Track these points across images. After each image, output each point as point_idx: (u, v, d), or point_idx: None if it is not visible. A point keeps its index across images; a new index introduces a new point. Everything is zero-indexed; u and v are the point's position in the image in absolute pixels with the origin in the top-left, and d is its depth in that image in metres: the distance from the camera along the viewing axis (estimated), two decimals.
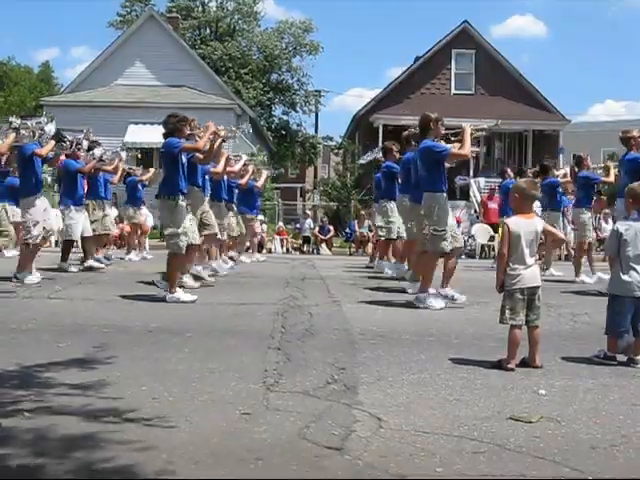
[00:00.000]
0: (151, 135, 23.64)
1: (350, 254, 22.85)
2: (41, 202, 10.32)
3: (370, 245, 23.49)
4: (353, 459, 3.36)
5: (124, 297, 8.85)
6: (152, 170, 16.64)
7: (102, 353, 5.57)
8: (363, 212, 25.56)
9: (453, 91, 33.00)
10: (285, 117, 48.62)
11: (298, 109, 47.97)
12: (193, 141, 9.49)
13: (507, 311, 5.44)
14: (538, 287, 5.52)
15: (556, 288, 10.58)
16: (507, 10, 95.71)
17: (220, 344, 6.11)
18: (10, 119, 10.09)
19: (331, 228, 24.79)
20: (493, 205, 20.22)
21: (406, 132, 11.64)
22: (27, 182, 10.26)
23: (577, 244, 12.49)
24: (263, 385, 4.69)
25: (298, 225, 25.70)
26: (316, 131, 49.03)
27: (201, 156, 9.68)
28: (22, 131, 9.93)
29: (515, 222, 5.56)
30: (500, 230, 5.90)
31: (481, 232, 21.68)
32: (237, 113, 31.64)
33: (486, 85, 32.63)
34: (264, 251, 22.89)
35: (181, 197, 8.85)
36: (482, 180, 29.01)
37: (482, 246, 21.83)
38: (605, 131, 37.24)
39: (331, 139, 50.03)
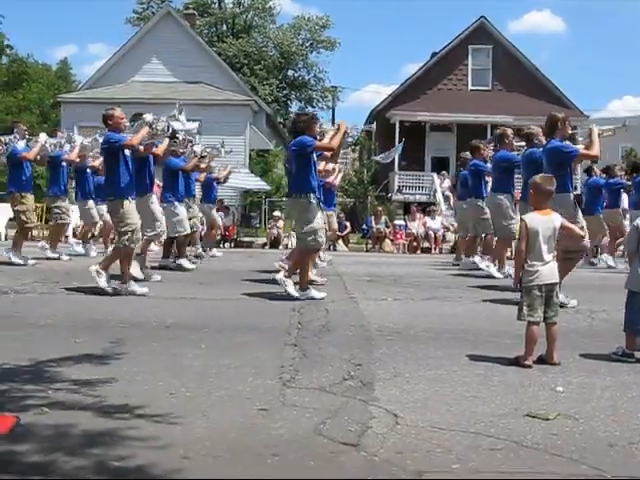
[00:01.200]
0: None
1: (367, 250, 22.81)
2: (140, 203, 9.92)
3: (387, 242, 23.51)
4: (369, 455, 3.36)
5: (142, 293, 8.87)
6: (229, 168, 16.63)
7: (119, 348, 5.60)
8: (380, 208, 25.53)
9: (470, 87, 32.91)
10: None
11: (315, 105, 47.96)
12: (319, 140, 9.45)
13: (525, 308, 5.41)
14: (556, 284, 5.49)
15: (574, 284, 10.50)
16: (524, 6, 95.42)
17: (237, 340, 6.12)
18: (144, 115, 9.85)
19: (348, 224, 24.74)
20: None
21: (503, 130, 11.63)
22: (142, 181, 10.08)
23: None
24: (280, 381, 4.70)
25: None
26: (333, 127, 48.94)
27: (329, 154, 9.74)
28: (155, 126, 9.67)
29: (532, 218, 5.54)
30: (517, 227, 5.86)
31: None
32: (254, 109, 31.69)
33: (503, 81, 32.50)
34: (281, 247, 22.91)
35: (312, 195, 8.78)
36: None
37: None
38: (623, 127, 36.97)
39: (348, 135, 49.98)
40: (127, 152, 9.01)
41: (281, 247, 22.87)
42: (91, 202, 14.55)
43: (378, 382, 4.74)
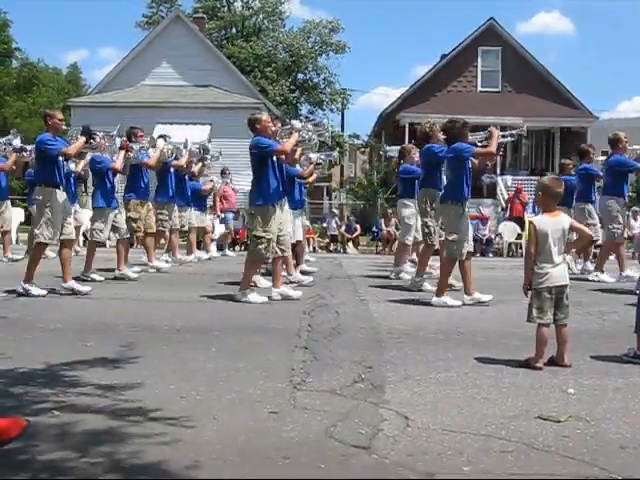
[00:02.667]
0: (178, 135, 23.73)
1: (377, 253, 22.80)
2: None
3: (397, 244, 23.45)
4: (380, 458, 3.36)
5: (151, 296, 8.90)
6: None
7: (129, 352, 5.61)
8: (390, 211, 25.48)
9: (479, 89, 32.83)
10: (311, 116, 48.63)
11: (325, 107, 47.98)
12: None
13: (535, 310, 5.40)
14: (566, 286, 5.47)
15: (584, 286, 10.49)
16: (533, 7, 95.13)
17: (247, 343, 6.13)
18: (293, 121, 9.82)
19: (358, 227, 24.73)
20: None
21: (616, 134, 11.62)
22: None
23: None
24: (290, 384, 4.70)
25: (325, 224, 25.66)
26: (342, 129, 48.98)
27: (489, 163, 9.97)
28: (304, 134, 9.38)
29: (541, 220, 5.53)
30: (527, 229, 5.86)
31: (508, 230, 21.60)
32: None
33: (513, 82, 32.42)
34: (232, 249, 22.85)
35: (466, 204, 8.82)
36: (509, 178, 28.85)
37: (509, 244, 21.71)
38: (633, 127, 36.87)
39: (357, 137, 50.00)
40: (275, 158, 8.85)
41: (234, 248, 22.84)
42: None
43: (389, 384, 4.74)
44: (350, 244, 23.85)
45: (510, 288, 10.18)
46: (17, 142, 12.05)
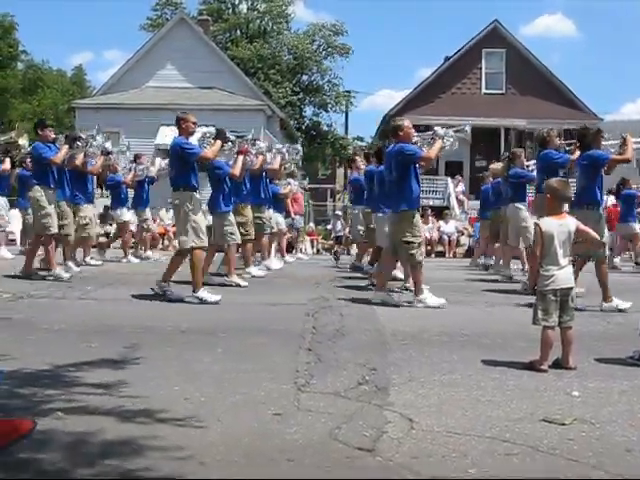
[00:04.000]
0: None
1: None
2: None
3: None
4: (385, 460, 3.35)
5: (155, 297, 8.90)
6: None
7: (134, 353, 5.61)
8: None
9: (484, 91, 32.83)
10: (316, 118, 48.67)
11: (329, 110, 47.99)
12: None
13: (540, 312, 5.39)
14: (572, 288, 5.46)
15: (588, 288, 10.46)
16: (536, 9, 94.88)
17: (252, 344, 6.12)
18: (436, 128, 9.73)
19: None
20: None
21: None
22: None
23: None
24: (294, 386, 4.70)
25: (329, 226, 25.66)
26: (346, 132, 49.01)
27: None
28: None
29: (548, 223, 5.51)
30: (533, 231, 5.86)
31: None
32: (267, 114, 31.73)
33: (517, 84, 32.41)
34: (294, 252, 22.92)
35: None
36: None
37: None
38: (637, 130, 36.80)
39: (361, 139, 49.98)
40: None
41: (295, 251, 22.89)
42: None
43: (393, 386, 4.73)
44: (354, 246, 23.82)
45: (515, 290, 10.19)
46: (109, 145, 12.22)
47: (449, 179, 27.92)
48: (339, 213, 28.28)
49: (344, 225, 25.23)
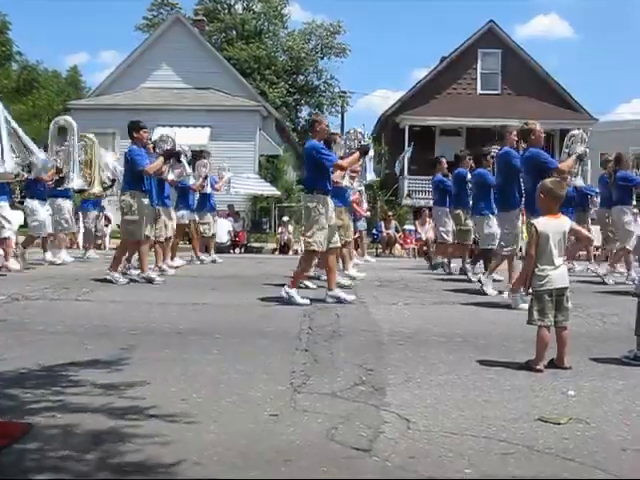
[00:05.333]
0: (178, 138, 23.73)
1: (377, 255, 22.81)
2: None
3: (397, 246, 23.49)
4: (381, 460, 3.36)
5: (151, 299, 8.90)
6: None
7: (130, 354, 5.61)
8: (390, 213, 25.52)
9: (479, 91, 32.88)
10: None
11: (325, 110, 47.97)
12: None
13: (535, 312, 5.40)
14: (567, 288, 5.48)
15: (584, 288, 10.50)
16: (531, 10, 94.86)
17: (248, 345, 6.13)
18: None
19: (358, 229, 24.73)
20: None
21: None
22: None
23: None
24: (291, 386, 4.70)
25: None
26: (342, 132, 48.98)
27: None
28: None
29: (543, 222, 5.53)
30: (527, 231, 5.88)
31: None
32: (263, 115, 31.72)
33: (512, 85, 32.47)
34: (291, 253, 22.96)
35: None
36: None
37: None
38: (633, 130, 36.85)
39: None
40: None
41: (291, 252, 22.93)
42: None
43: (389, 387, 4.74)
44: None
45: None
46: (186, 150, 12.78)
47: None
48: None
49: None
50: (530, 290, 5.63)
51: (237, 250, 22.99)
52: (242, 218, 25.64)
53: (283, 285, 8.91)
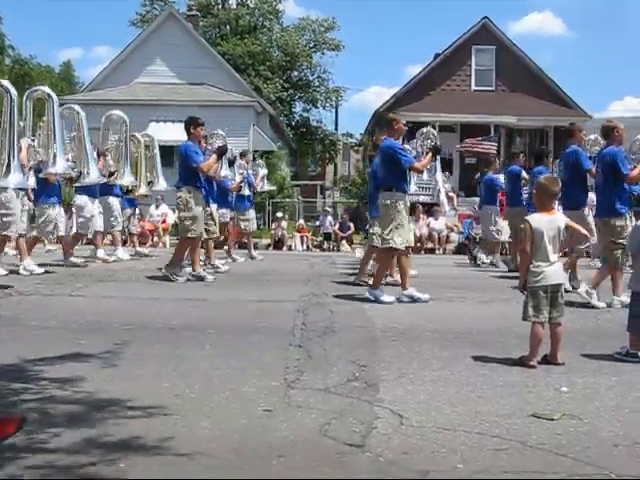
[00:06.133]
0: (172, 133, 23.69)
1: None
2: None
3: None
4: (374, 456, 3.36)
5: (145, 294, 8.90)
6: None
7: (123, 350, 5.61)
8: None
9: (473, 87, 32.83)
10: (306, 114, 48.65)
11: (319, 106, 47.98)
12: None
13: (530, 308, 5.41)
14: (561, 284, 5.49)
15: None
16: (525, 7, 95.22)
17: (241, 341, 6.13)
18: None
19: (351, 225, 24.74)
20: None
21: None
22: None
23: None
24: (284, 382, 4.70)
25: (319, 222, 25.67)
26: (336, 128, 49.02)
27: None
28: None
29: (537, 219, 5.54)
30: (522, 227, 5.88)
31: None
32: (257, 111, 31.68)
33: (506, 81, 32.43)
34: (285, 248, 22.95)
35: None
36: (502, 177, 28.88)
37: (503, 243, 21.70)
38: (625, 127, 36.87)
39: (351, 136, 50.02)
40: None
41: (285, 248, 22.93)
42: None
43: (383, 383, 4.74)
44: (344, 242, 23.85)
45: (506, 286, 10.23)
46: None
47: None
48: (328, 209, 28.33)
49: (333, 222, 25.26)
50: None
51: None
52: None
53: (279, 281, 8.92)
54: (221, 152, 11.48)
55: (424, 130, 11.77)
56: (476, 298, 9.23)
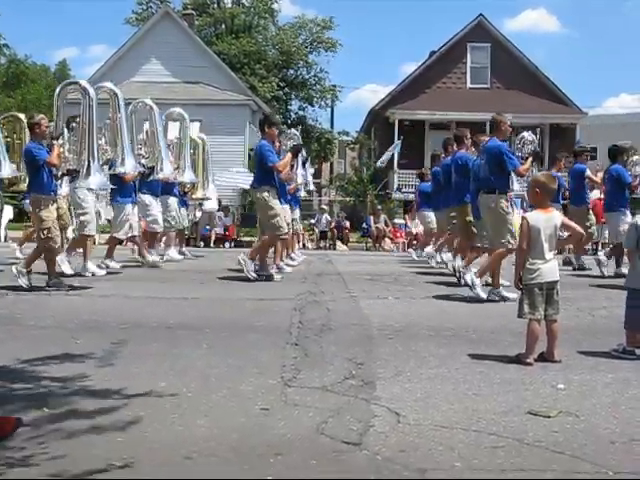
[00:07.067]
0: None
1: (367, 249, 22.83)
2: None
3: (387, 240, 23.50)
4: (372, 454, 3.37)
5: (142, 293, 8.89)
6: None
7: (120, 349, 5.61)
8: (379, 207, 25.53)
9: (469, 85, 32.87)
10: (302, 112, 48.58)
11: (314, 104, 47.92)
12: None
13: (526, 306, 5.42)
14: (557, 281, 5.50)
15: (574, 282, 10.53)
16: (519, 4, 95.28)
17: (238, 340, 6.13)
18: None
19: (347, 223, 24.76)
20: None
21: None
22: None
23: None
24: (281, 380, 4.71)
25: (315, 220, 25.68)
26: (332, 126, 48.94)
27: None
28: None
29: (534, 217, 5.54)
30: (518, 225, 5.89)
31: None
32: (252, 109, 31.69)
33: (502, 79, 32.47)
34: None
35: None
36: None
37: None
38: (621, 124, 36.98)
39: (347, 134, 49.90)
40: None
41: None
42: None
43: (380, 381, 4.75)
44: (339, 241, 23.87)
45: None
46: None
47: None
48: (325, 208, 28.33)
49: (329, 220, 25.26)
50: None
51: (227, 244, 22.92)
52: (232, 212, 25.58)
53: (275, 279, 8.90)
54: (296, 151, 11.60)
55: (524, 135, 11.73)
56: (472, 296, 9.21)
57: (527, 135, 11.12)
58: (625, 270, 9.57)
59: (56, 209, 9.41)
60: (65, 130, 9.86)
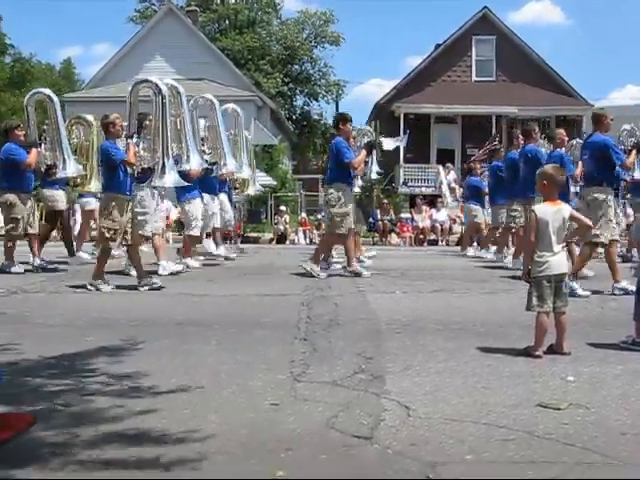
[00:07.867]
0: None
1: (373, 243, 22.80)
2: None
3: (393, 235, 23.48)
4: (382, 448, 3.37)
5: (149, 290, 8.90)
6: None
7: (129, 346, 5.62)
8: (386, 201, 25.50)
9: (474, 78, 32.81)
10: (307, 107, 48.59)
11: (319, 99, 47.94)
12: None
13: (534, 298, 5.41)
14: (565, 274, 5.49)
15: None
16: None
17: (247, 335, 6.14)
18: None
19: None
20: None
21: None
22: None
23: None
24: (291, 375, 4.71)
25: (320, 216, 25.65)
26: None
27: None
28: None
29: (542, 209, 5.53)
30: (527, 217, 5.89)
31: None
32: (257, 105, 31.65)
33: (507, 71, 32.40)
34: (287, 242, 22.95)
35: None
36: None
37: None
38: (627, 116, 36.81)
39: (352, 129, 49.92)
40: None
41: (288, 242, 22.93)
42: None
43: (389, 375, 4.75)
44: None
45: (509, 277, 10.23)
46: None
47: (440, 167, 27.93)
48: None
49: None
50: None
51: (233, 240, 22.92)
52: (238, 208, 25.57)
53: (282, 275, 8.91)
54: (371, 147, 11.66)
55: (625, 127, 11.70)
56: (479, 289, 9.23)
57: (627, 127, 11.11)
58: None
59: (130, 210, 9.35)
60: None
